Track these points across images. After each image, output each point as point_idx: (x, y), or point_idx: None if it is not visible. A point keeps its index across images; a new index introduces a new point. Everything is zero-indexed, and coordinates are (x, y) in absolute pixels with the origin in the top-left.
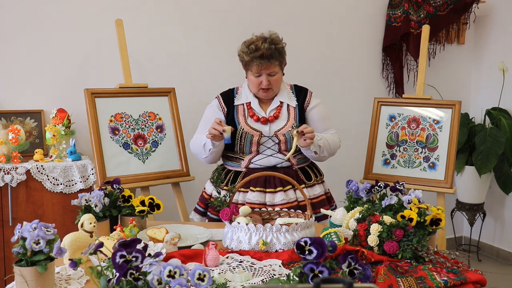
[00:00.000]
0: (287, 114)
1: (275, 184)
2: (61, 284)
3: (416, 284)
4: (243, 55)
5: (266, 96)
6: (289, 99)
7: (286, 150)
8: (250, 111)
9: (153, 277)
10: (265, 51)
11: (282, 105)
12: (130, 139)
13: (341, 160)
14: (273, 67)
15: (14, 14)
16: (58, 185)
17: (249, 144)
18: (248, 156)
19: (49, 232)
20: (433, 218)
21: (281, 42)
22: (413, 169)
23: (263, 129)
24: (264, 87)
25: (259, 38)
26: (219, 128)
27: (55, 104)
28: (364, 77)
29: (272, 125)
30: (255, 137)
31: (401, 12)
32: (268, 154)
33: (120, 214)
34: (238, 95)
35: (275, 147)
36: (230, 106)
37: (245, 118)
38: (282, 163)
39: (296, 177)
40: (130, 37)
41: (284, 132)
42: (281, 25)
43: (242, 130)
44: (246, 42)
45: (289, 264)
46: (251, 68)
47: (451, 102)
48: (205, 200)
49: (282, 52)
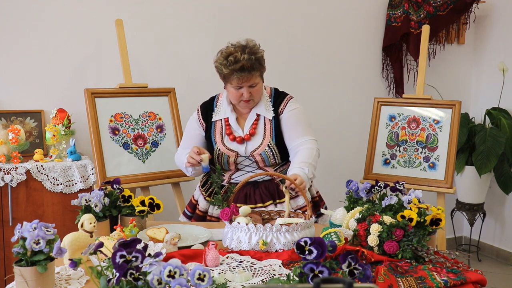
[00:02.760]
0: (263, 130)
1: (255, 200)
2: (61, 284)
3: (416, 284)
4: (221, 67)
5: (247, 107)
6: (266, 110)
7: (265, 166)
8: (228, 128)
9: (153, 277)
10: (245, 63)
11: (259, 118)
12: (130, 139)
13: (341, 160)
14: (254, 78)
15: (14, 14)
16: (58, 185)
17: (227, 163)
18: (228, 173)
19: (49, 232)
20: (433, 218)
21: (260, 50)
22: (413, 169)
23: (239, 149)
24: (246, 99)
25: (237, 48)
26: (197, 158)
27: (55, 104)
28: (364, 77)
29: (249, 144)
30: (231, 158)
31: (401, 12)
32: (247, 170)
33: (120, 214)
34: (217, 108)
35: (253, 165)
36: (208, 121)
37: (222, 136)
38: (263, 178)
39: (278, 191)
40: (130, 37)
41: (260, 152)
42: (281, 25)
43: (219, 151)
44: (223, 52)
45: (289, 264)
46: (230, 81)
47: (451, 102)
48: (192, 205)
49: (262, 62)
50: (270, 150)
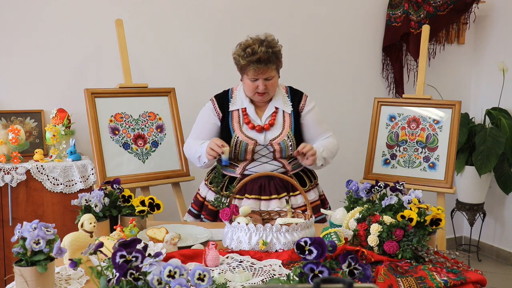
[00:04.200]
0: (282, 122)
1: (270, 192)
2: (61, 284)
3: (416, 284)
4: (239, 58)
5: (261, 100)
6: (284, 104)
7: (281, 158)
8: (246, 117)
9: (153, 277)
10: (262, 55)
11: (277, 111)
12: (130, 139)
13: (341, 160)
14: (270, 71)
15: (14, 14)
16: (58, 185)
17: (244, 152)
18: (242, 163)
19: (49, 232)
20: (433, 218)
21: (277, 45)
22: (413, 169)
23: (258, 137)
24: (261, 92)
25: (255, 41)
26: (218, 150)
27: (55, 104)
28: (364, 77)
29: (268, 133)
30: (250, 146)
31: (401, 12)
32: (262, 161)
33: (120, 214)
34: (233, 99)
35: (270, 155)
36: (225, 111)
37: (240, 125)
38: (277, 170)
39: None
40: (130, 37)
41: (279, 141)
42: (281, 25)
43: (237, 139)
44: (242, 44)
45: (289, 264)
46: (247, 72)
47: (451, 102)
48: (199, 203)
49: (278, 56)
50: (289, 140)
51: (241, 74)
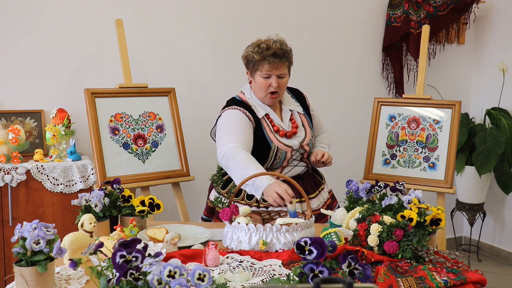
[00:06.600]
0: (301, 122)
1: (307, 191)
2: (61, 284)
3: (416, 284)
4: (253, 54)
5: (273, 102)
6: (295, 105)
7: (306, 158)
8: (273, 125)
9: (153, 277)
10: (277, 50)
11: (293, 113)
12: (130, 139)
13: (341, 160)
14: (284, 68)
15: (14, 14)
16: (58, 185)
17: (283, 160)
18: (277, 171)
19: (49, 232)
20: (433, 218)
21: (288, 46)
22: (413, 169)
23: (292, 143)
24: (274, 90)
25: (268, 40)
26: (287, 200)
27: (55, 104)
28: (364, 77)
29: (296, 137)
30: (289, 153)
31: (401, 12)
32: (294, 164)
33: (120, 214)
34: (253, 106)
35: (298, 158)
36: (255, 120)
37: (273, 134)
38: (305, 170)
39: (313, 180)
40: (130, 37)
41: (307, 142)
42: (281, 26)
43: (276, 149)
44: (254, 43)
45: (289, 264)
46: (261, 68)
47: (451, 102)
48: (211, 209)
49: (290, 55)
50: (313, 139)
51: (252, 74)
